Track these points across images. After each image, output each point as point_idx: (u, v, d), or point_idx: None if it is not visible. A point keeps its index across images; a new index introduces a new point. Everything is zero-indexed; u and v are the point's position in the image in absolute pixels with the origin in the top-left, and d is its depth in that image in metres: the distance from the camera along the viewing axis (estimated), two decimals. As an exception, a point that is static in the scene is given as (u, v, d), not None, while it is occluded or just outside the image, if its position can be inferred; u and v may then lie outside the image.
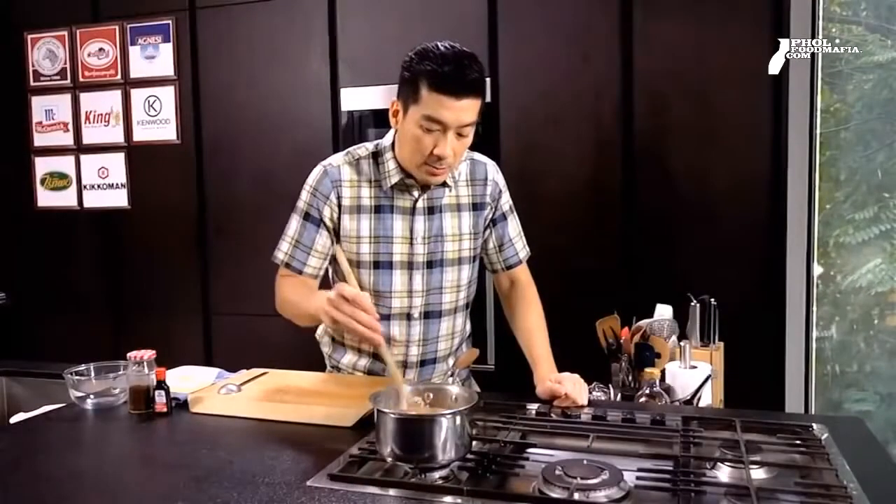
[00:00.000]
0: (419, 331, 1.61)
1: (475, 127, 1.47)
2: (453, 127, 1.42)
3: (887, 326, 2.87)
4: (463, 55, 1.43)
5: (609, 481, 1.10)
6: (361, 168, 1.57)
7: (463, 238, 1.61)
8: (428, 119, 1.41)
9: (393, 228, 1.56)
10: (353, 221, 1.56)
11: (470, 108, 1.42)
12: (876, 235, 2.84)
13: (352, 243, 1.57)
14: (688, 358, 1.67)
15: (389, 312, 1.59)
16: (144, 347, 1.55)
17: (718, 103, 2.40)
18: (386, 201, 1.56)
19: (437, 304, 1.61)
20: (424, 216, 1.57)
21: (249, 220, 2.99)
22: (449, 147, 1.43)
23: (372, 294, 1.58)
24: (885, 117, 2.73)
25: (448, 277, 1.61)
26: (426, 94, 1.40)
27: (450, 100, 1.39)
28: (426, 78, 1.40)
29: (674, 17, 2.42)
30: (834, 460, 1.14)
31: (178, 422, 1.45)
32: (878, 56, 2.78)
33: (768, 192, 2.36)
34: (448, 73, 1.39)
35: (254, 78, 2.94)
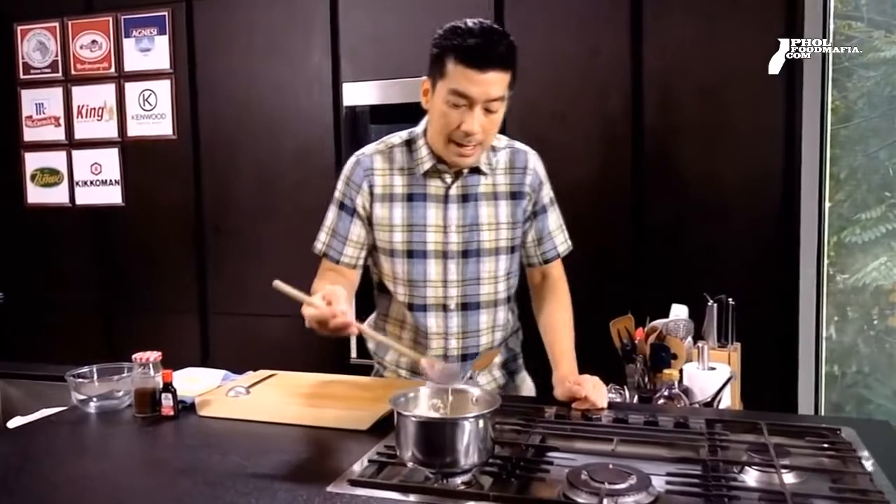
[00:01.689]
0: (457, 322, 1.61)
1: (505, 103, 1.47)
2: (480, 101, 1.41)
3: (888, 326, 2.87)
4: (492, 30, 1.43)
5: (637, 486, 1.09)
6: (394, 156, 1.58)
7: (500, 227, 1.60)
8: (454, 93, 1.42)
9: (426, 217, 1.56)
10: (386, 210, 1.57)
11: (497, 82, 1.41)
12: (883, 234, 2.85)
13: (384, 231, 1.58)
14: (706, 359, 1.66)
15: (425, 303, 1.60)
16: (139, 348, 1.54)
17: (729, 100, 2.40)
18: (419, 189, 1.57)
19: (474, 296, 1.60)
20: (458, 204, 1.57)
21: (249, 217, 2.97)
22: (476, 123, 1.43)
23: (406, 283, 1.59)
24: (888, 115, 2.74)
25: (485, 268, 1.60)
26: (452, 67, 1.41)
27: (475, 73, 1.39)
28: (452, 51, 1.41)
29: (684, 11, 2.42)
30: (866, 465, 1.14)
31: (186, 425, 1.43)
32: (886, 52, 2.79)
33: (780, 190, 2.36)
34: (473, 45, 1.39)
35: (252, 72, 2.92)
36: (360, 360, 2.86)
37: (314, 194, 2.88)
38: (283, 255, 2.93)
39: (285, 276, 2.91)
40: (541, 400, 1.60)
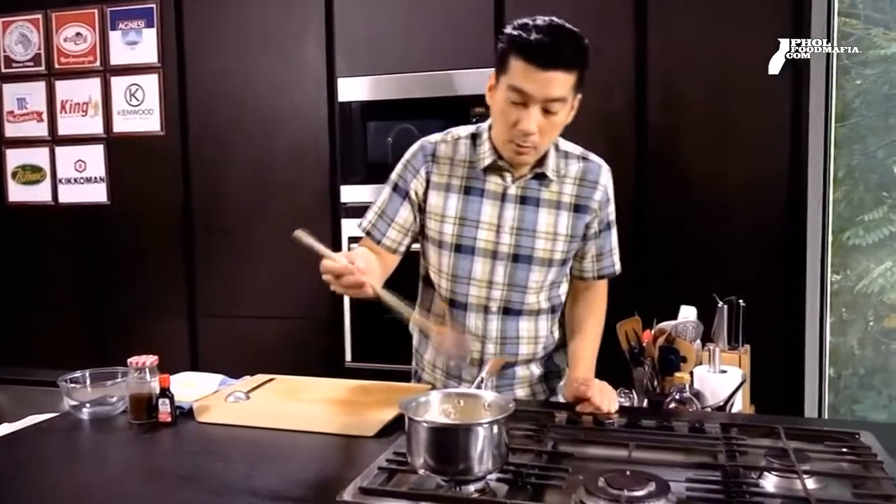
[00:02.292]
0: (496, 327, 1.59)
1: (570, 106, 1.45)
2: (539, 100, 1.39)
3: (885, 328, 2.89)
4: (560, 28, 1.41)
5: (656, 493, 1.08)
6: (458, 148, 1.58)
7: (558, 238, 1.57)
8: (513, 89, 1.40)
9: (480, 212, 1.55)
10: (440, 199, 1.57)
11: (558, 82, 1.38)
12: (886, 237, 2.86)
13: (436, 221, 1.57)
14: (717, 362, 1.66)
15: (466, 301, 1.59)
16: (125, 352, 1.52)
17: (734, 99, 2.41)
18: (477, 183, 1.56)
19: (518, 303, 1.59)
20: (515, 204, 1.55)
21: (240, 216, 2.94)
22: (533, 122, 1.41)
23: (450, 278, 1.59)
24: (886, 114, 2.74)
25: (534, 276, 1.58)
26: (513, 62, 1.40)
27: (535, 70, 1.37)
28: (514, 47, 1.40)
29: (689, 10, 2.42)
30: (889, 469, 1.14)
31: (184, 432, 1.41)
32: (885, 50, 2.80)
33: (786, 190, 2.37)
34: (535, 42, 1.37)
35: (244, 66, 2.89)
36: (356, 363, 2.85)
37: (308, 192, 2.87)
38: (276, 256, 2.91)
39: (278, 278, 2.93)
40: (551, 405, 1.60)
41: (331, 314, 2.87)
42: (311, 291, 2.90)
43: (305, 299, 2.91)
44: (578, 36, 1.42)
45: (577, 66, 1.41)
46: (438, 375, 1.67)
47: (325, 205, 2.84)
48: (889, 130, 2.71)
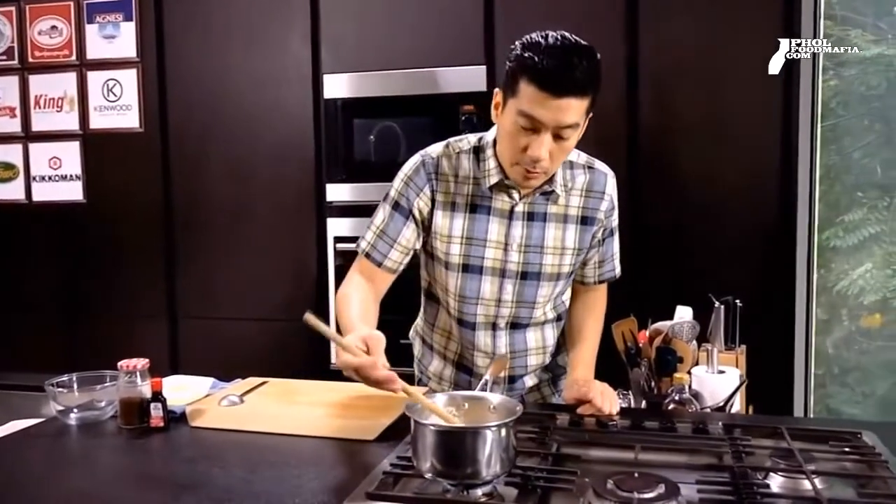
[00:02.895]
0: (505, 342, 1.58)
1: (581, 130, 1.41)
2: (550, 127, 1.34)
3: (860, 328, 2.94)
4: (573, 49, 1.34)
5: (666, 495, 1.08)
6: (461, 163, 1.52)
7: (566, 252, 1.55)
8: (523, 115, 1.35)
9: (488, 231, 1.52)
10: (447, 219, 1.52)
11: (571, 109, 1.33)
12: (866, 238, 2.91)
13: (442, 242, 1.53)
14: (715, 362, 1.68)
15: (475, 320, 1.57)
16: (102, 354, 1.50)
17: (726, 99, 2.44)
18: (483, 201, 1.52)
19: (526, 318, 1.58)
20: (523, 222, 1.52)
21: (222, 215, 2.91)
22: (544, 149, 1.36)
23: (458, 298, 1.56)
24: (863, 115, 2.79)
25: (543, 292, 1.56)
26: (524, 87, 1.33)
27: (548, 97, 1.31)
28: (526, 70, 1.33)
29: (680, 10, 2.44)
30: (894, 469, 1.15)
31: (178, 437, 1.39)
32: (865, 51, 2.86)
33: (778, 190, 2.40)
34: (549, 67, 1.30)
35: (226, 61, 2.86)
36: (341, 365, 2.83)
37: (293, 191, 2.85)
38: (259, 256, 2.89)
39: (261, 279, 2.91)
40: (551, 407, 1.60)
41: (315, 315, 2.84)
42: (294, 292, 2.89)
43: (288, 300, 2.89)
44: (592, 54, 1.36)
45: (592, 89, 1.35)
46: (446, 387, 1.66)
47: (310, 203, 2.82)
48: (865, 131, 2.76)
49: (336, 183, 2.79)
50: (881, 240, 2.89)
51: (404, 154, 2.69)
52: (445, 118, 2.63)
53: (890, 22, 2.73)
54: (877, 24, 2.73)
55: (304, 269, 2.84)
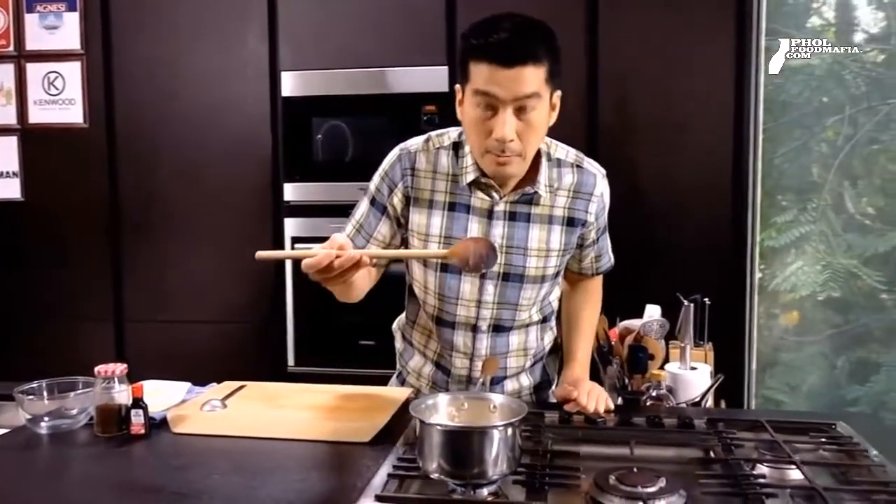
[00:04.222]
0: (486, 344, 1.56)
1: (547, 103, 1.36)
2: (509, 101, 1.30)
3: (781, 324, 3.09)
4: (521, 20, 1.32)
5: (668, 489, 1.11)
6: (440, 159, 1.49)
7: (550, 254, 1.52)
8: (479, 93, 1.32)
9: (467, 230, 1.48)
10: (423, 217, 1.49)
11: (526, 78, 1.29)
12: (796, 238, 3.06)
13: (420, 240, 1.50)
14: (688, 359, 1.73)
15: (454, 320, 1.54)
16: (45, 360, 1.45)
17: (682, 101, 2.52)
18: (462, 199, 1.48)
19: (509, 320, 1.55)
20: (504, 221, 1.49)
21: (173, 215, 2.82)
22: (508, 127, 1.32)
23: (437, 297, 1.54)
24: (785, 122, 2.93)
25: (526, 294, 1.53)
26: (475, 68, 1.32)
27: (499, 69, 1.28)
28: (474, 51, 1.32)
29: (639, 12, 2.51)
30: (875, 457, 1.22)
31: (162, 444, 1.35)
32: (791, 60, 3.01)
33: (731, 190, 2.50)
34: (495, 40, 1.29)
35: (179, 56, 2.78)
36: (299, 367, 2.79)
37: (248, 190, 2.79)
38: (212, 257, 2.81)
39: (214, 280, 2.84)
40: (539, 405, 1.62)
41: (271, 317, 2.80)
42: (250, 294, 2.83)
43: (243, 302, 2.83)
44: (541, 24, 1.34)
45: (547, 56, 1.32)
46: (424, 384, 1.65)
47: (267, 203, 2.77)
48: (787, 138, 2.90)
49: (293, 182, 2.74)
50: (810, 239, 3.05)
51: (364, 154, 2.70)
52: (407, 118, 2.63)
53: (810, 33, 2.89)
54: (799, 35, 2.88)
55: (260, 270, 2.78)
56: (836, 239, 2.98)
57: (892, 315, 2.98)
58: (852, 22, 2.96)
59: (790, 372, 3.03)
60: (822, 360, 3.00)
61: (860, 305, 2.98)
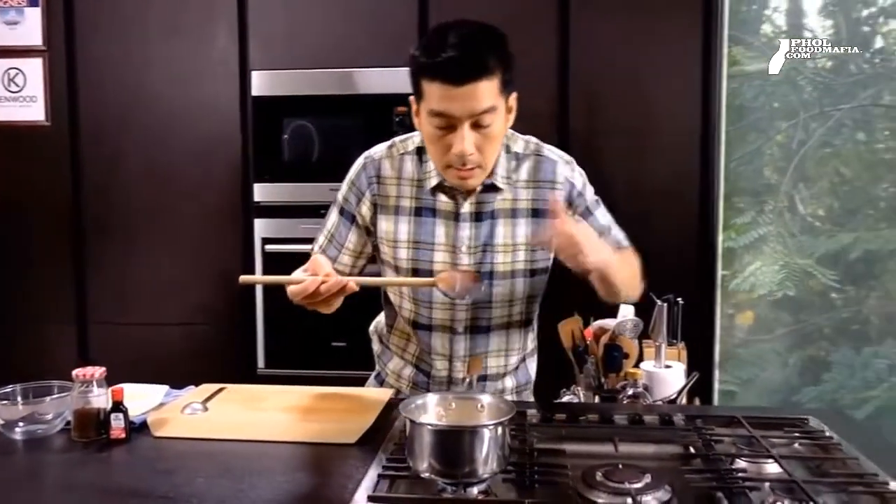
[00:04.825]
0: (464, 346, 1.56)
1: (502, 113, 1.36)
2: (465, 118, 1.31)
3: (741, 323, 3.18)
4: (468, 33, 1.31)
5: (653, 484, 1.14)
6: (404, 165, 1.50)
7: (517, 249, 1.51)
8: (436, 115, 1.32)
9: (434, 234, 1.49)
10: (391, 223, 1.50)
11: (480, 94, 1.29)
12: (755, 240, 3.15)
13: (389, 247, 1.51)
14: (663, 357, 1.77)
15: (430, 323, 1.55)
16: (6, 363, 1.41)
17: (651, 105, 2.57)
18: (427, 203, 1.49)
19: (485, 319, 1.55)
20: (471, 223, 1.49)
21: (139, 216, 2.78)
22: (468, 143, 1.32)
23: (411, 301, 1.54)
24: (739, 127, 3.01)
25: (498, 291, 1.52)
26: (427, 86, 1.32)
27: (451, 88, 1.28)
28: (423, 70, 1.32)
29: (609, 16, 2.56)
30: (848, 450, 1.26)
31: (143, 448, 1.32)
32: (747, 66, 3.10)
33: (699, 192, 2.56)
34: (444, 59, 1.28)
35: (146, 53, 2.73)
36: (269, 370, 2.77)
37: (217, 190, 2.76)
38: (180, 258, 2.77)
39: (182, 282, 2.80)
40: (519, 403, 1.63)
41: (241, 319, 2.78)
42: (219, 295, 2.80)
43: (212, 304, 2.80)
44: (491, 32, 1.34)
45: (499, 65, 1.31)
46: (404, 385, 1.65)
47: (237, 204, 2.74)
48: (742, 142, 2.98)
49: (263, 183, 2.72)
50: (768, 240, 3.15)
51: (335, 155, 2.69)
52: (378, 119, 2.63)
53: (763, 40, 2.98)
54: (752, 42, 2.97)
55: (229, 271, 2.75)
56: (792, 240, 3.07)
57: (841, 314, 3.09)
58: (802, 28, 3.06)
59: (744, 367, 3.12)
60: (776, 357, 3.10)
61: (815, 305, 3.08)
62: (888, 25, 2.98)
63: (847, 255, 3.04)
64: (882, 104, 3.01)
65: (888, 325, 3.06)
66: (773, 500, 1.10)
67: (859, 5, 3.01)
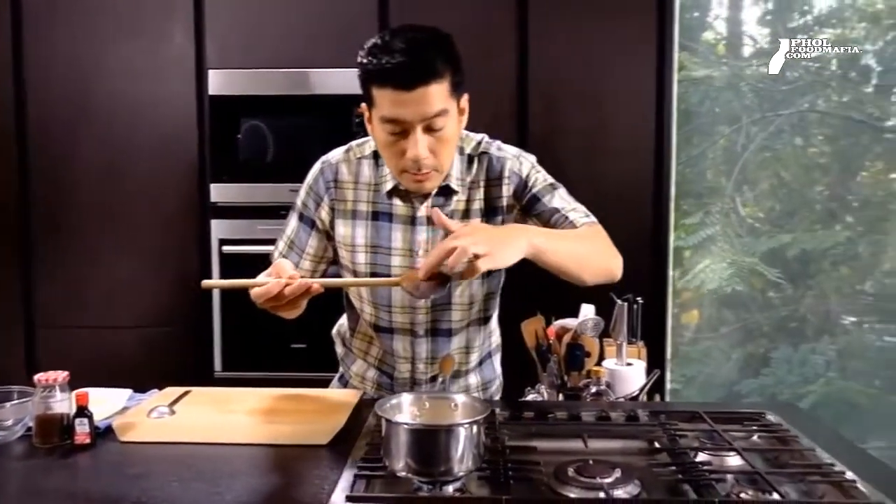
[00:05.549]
0: (426, 348, 1.57)
1: (454, 115, 1.36)
2: (417, 123, 1.31)
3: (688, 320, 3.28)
4: (414, 37, 1.30)
5: (623, 479, 1.17)
6: (361, 169, 1.50)
7: None
8: (387, 121, 1.32)
9: (391, 239, 1.49)
10: (348, 228, 1.50)
11: (431, 97, 1.29)
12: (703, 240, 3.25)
13: (347, 251, 1.51)
14: (624, 356, 1.81)
15: (391, 326, 1.55)
16: None
17: (607, 110, 2.63)
18: (384, 208, 1.49)
19: (446, 321, 1.55)
20: (427, 226, 1.49)
21: (91, 216, 2.71)
22: (421, 146, 1.32)
23: (371, 304, 1.53)
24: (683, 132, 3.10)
25: (457, 293, 1.54)
26: (377, 93, 1.31)
27: (401, 93, 1.28)
28: (372, 77, 1.31)
29: (567, 22, 2.60)
30: (803, 442, 1.32)
31: (110, 453, 1.30)
32: (693, 72, 3.20)
33: (653, 192, 2.63)
34: (391, 64, 1.27)
35: (98, 50, 2.67)
36: (227, 372, 2.73)
37: (173, 190, 2.71)
38: (134, 259, 2.71)
39: (135, 284, 2.74)
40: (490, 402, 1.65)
41: (197, 322, 2.73)
42: (174, 297, 2.75)
43: (168, 306, 2.74)
44: (437, 35, 1.33)
45: (448, 68, 1.31)
46: (369, 387, 1.65)
47: (193, 204, 2.69)
48: (687, 145, 3.09)
49: (220, 183, 2.68)
50: (715, 240, 3.25)
51: (294, 155, 2.67)
52: (338, 120, 2.62)
53: (705, 46, 3.08)
54: (697, 48, 3.07)
55: (185, 272, 2.71)
56: (737, 240, 3.18)
57: (780, 312, 3.21)
58: (742, 35, 3.18)
59: (689, 365, 3.22)
60: (720, 354, 3.21)
61: (757, 303, 3.20)
62: (822, 34, 3.12)
63: (785, 255, 3.16)
64: (818, 110, 3.14)
65: (824, 323, 3.19)
66: (737, 492, 1.15)
67: (795, 14, 3.14)
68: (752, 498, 1.12)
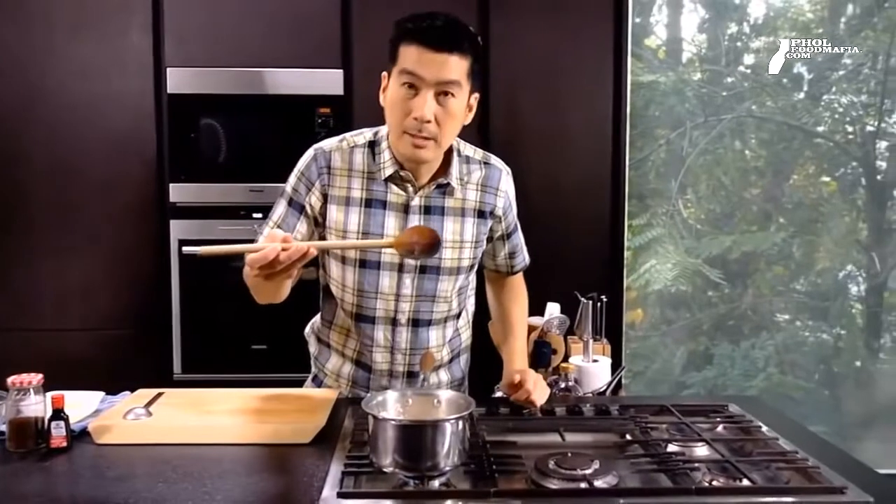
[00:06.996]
0: (406, 338, 1.58)
1: (465, 98, 1.44)
2: (432, 83, 1.38)
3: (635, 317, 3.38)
4: (452, 17, 1.42)
5: (602, 470, 1.21)
6: (354, 158, 1.52)
7: (464, 246, 1.57)
8: (405, 73, 1.39)
9: (384, 226, 1.51)
10: (341, 214, 1.51)
11: (451, 65, 1.38)
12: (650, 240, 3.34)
13: (338, 237, 1.51)
14: (591, 352, 1.86)
15: (374, 315, 1.56)
16: None
17: (566, 111, 2.68)
18: (378, 195, 1.52)
19: (427, 312, 1.58)
20: (420, 216, 1.53)
21: (44, 215, 2.62)
22: (428, 108, 1.39)
23: (355, 293, 1.55)
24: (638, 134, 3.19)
25: (443, 286, 1.57)
26: (405, 49, 1.40)
27: (428, 51, 1.37)
28: (406, 34, 1.40)
29: (527, 24, 2.65)
30: (767, 432, 1.38)
31: (87, 456, 1.27)
32: (642, 77, 3.29)
33: (610, 192, 2.70)
34: (426, 25, 1.39)
35: (50, 47, 2.58)
36: (187, 374, 2.67)
37: (130, 190, 2.64)
38: (89, 260, 2.64)
39: (90, 286, 2.67)
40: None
41: (155, 323, 2.67)
42: (132, 299, 2.69)
43: (125, 308, 2.68)
44: (469, 27, 1.46)
45: (471, 52, 1.42)
46: (343, 385, 1.65)
47: (151, 204, 2.64)
48: (632, 148, 3.16)
49: (180, 183, 2.63)
50: (662, 241, 3.35)
51: (256, 155, 2.64)
52: (301, 120, 2.60)
53: (648, 51, 3.18)
54: (642, 53, 3.16)
55: (142, 273, 2.65)
56: (681, 241, 3.29)
57: (720, 311, 3.33)
58: (681, 41, 3.28)
59: (636, 360, 3.31)
60: (664, 350, 3.31)
61: (700, 301, 3.31)
62: (756, 42, 3.26)
63: (726, 256, 3.28)
64: (755, 115, 3.27)
65: (762, 321, 3.33)
66: (710, 479, 1.20)
67: (732, 23, 3.26)
68: (725, 485, 1.17)
